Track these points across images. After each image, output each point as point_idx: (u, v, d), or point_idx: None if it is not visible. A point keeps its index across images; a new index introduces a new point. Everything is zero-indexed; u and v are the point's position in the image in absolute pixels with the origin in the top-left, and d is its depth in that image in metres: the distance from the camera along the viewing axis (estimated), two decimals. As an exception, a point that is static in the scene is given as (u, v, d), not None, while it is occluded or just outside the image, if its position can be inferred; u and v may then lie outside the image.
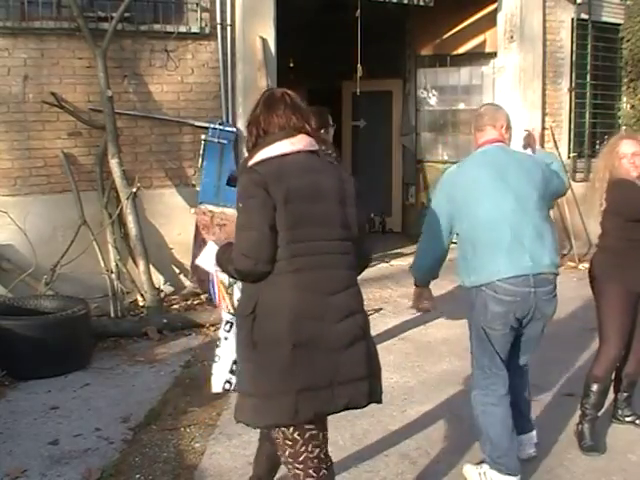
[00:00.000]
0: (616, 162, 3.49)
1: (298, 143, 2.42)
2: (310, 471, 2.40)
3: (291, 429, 2.35)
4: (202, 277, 6.20)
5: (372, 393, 2.45)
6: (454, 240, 3.25)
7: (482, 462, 3.16)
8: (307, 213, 2.36)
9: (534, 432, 3.35)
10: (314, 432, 2.39)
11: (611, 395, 3.67)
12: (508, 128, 3.32)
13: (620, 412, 3.71)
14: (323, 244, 2.39)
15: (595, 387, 3.49)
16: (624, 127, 8.82)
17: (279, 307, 2.32)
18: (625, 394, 3.69)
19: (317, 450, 2.41)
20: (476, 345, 3.15)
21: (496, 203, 3.04)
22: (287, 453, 2.39)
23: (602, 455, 3.43)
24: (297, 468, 2.40)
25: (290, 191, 2.32)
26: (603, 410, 3.60)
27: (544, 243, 3.04)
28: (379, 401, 2.51)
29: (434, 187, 3.36)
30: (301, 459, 2.39)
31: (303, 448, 2.38)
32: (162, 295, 5.91)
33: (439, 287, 3.79)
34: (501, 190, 3.06)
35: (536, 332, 3.16)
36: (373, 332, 3.89)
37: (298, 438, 2.36)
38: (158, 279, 6.12)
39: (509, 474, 3.04)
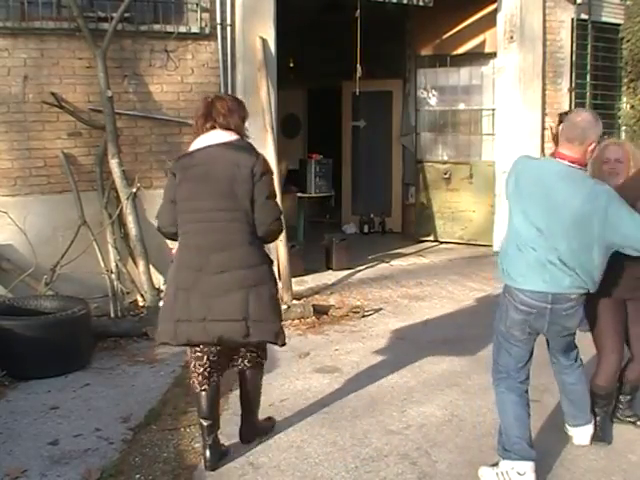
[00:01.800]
0: (599, 167, 3.43)
1: (208, 140, 3.19)
2: (195, 382, 3.32)
3: (187, 349, 3.32)
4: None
5: (250, 334, 3.14)
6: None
7: (497, 463, 3.18)
8: (196, 191, 3.14)
9: (589, 425, 3.48)
10: (199, 354, 3.26)
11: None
12: (596, 147, 3.09)
13: (620, 413, 3.71)
14: (210, 214, 3.12)
15: (601, 394, 3.50)
16: (624, 127, 8.83)
17: (174, 260, 3.25)
18: (628, 397, 3.68)
19: (201, 369, 3.28)
20: (495, 342, 3.28)
21: (527, 219, 3.03)
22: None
23: (602, 455, 3.43)
24: (190, 377, 3.38)
25: (186, 175, 3.18)
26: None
27: (569, 272, 2.99)
28: (266, 341, 3.29)
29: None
30: (192, 370, 3.33)
31: (192, 363, 3.31)
32: (162, 295, 5.90)
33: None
34: (536, 210, 3.00)
35: (564, 340, 3.28)
36: (372, 332, 3.91)
37: (190, 355, 3.31)
38: (158, 279, 6.11)
39: (519, 459, 3.07)
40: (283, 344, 3.34)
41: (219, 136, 3.19)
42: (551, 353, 3.44)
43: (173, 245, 3.43)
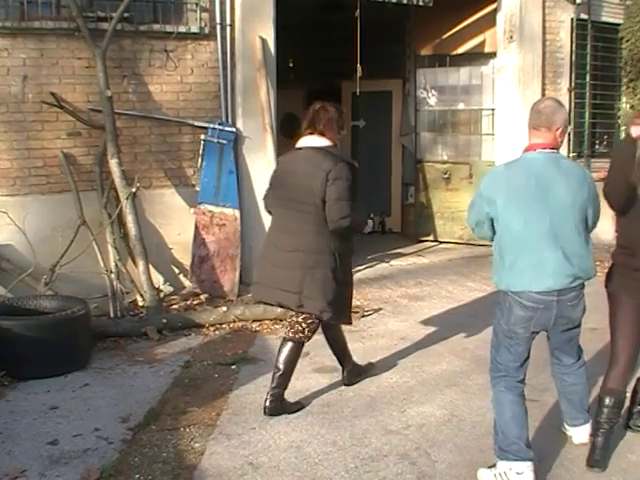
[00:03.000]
0: None
1: (305, 142, 3.89)
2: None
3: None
4: (202, 277, 6.23)
5: (302, 305, 3.76)
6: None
7: (495, 465, 3.17)
8: (284, 183, 3.87)
9: (588, 424, 3.45)
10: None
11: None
12: (564, 132, 3.15)
13: (633, 422, 3.63)
14: (290, 204, 3.80)
15: (609, 400, 3.32)
16: (624, 127, 8.82)
17: (267, 235, 4.04)
18: None
19: (287, 323, 4.03)
20: (494, 340, 3.26)
21: (529, 223, 3.03)
22: None
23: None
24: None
25: (280, 169, 4.00)
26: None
27: (571, 264, 3.04)
28: (305, 312, 3.83)
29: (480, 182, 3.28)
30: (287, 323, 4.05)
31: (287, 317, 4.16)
32: (162, 295, 5.92)
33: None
34: (538, 211, 3.02)
35: (567, 335, 3.26)
36: (372, 332, 3.88)
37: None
38: (158, 279, 6.12)
39: (517, 460, 3.06)
40: (340, 323, 4.09)
41: (313, 141, 3.85)
42: (553, 354, 3.42)
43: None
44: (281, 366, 3.91)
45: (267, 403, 3.89)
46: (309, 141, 3.86)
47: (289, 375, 3.95)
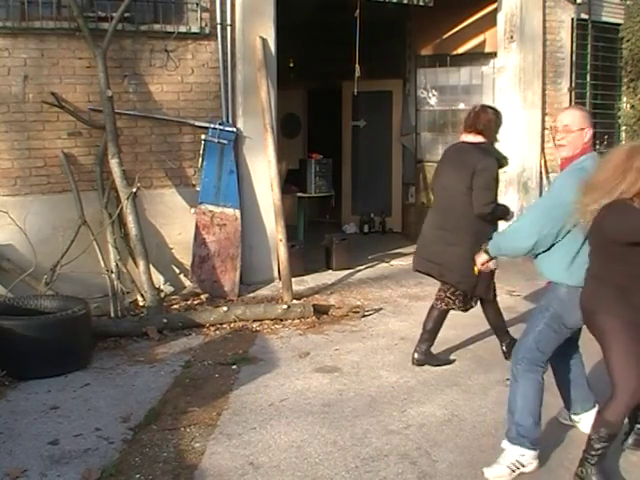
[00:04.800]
0: None
1: (465, 138, 4.47)
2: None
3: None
4: (202, 277, 6.23)
5: (443, 275, 4.51)
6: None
7: (496, 461, 3.25)
8: (441, 171, 4.59)
9: (596, 406, 3.55)
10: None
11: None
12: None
13: (631, 441, 3.46)
14: (445, 190, 4.50)
15: (604, 431, 2.99)
16: (624, 127, 8.83)
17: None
18: None
19: (439, 292, 4.65)
20: (544, 332, 3.28)
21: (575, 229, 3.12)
22: None
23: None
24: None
25: (441, 159, 4.67)
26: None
27: None
28: (446, 282, 4.55)
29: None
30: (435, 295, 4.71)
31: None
32: (162, 295, 5.92)
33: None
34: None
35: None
36: (372, 332, 3.88)
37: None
38: (158, 279, 6.12)
39: (532, 448, 3.22)
40: (478, 296, 4.57)
41: (470, 137, 4.44)
42: (570, 345, 3.47)
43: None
44: (428, 327, 4.64)
45: (415, 355, 4.62)
46: (467, 137, 4.47)
47: (435, 334, 4.66)
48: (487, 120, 4.44)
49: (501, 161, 4.47)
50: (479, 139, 4.42)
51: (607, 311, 2.95)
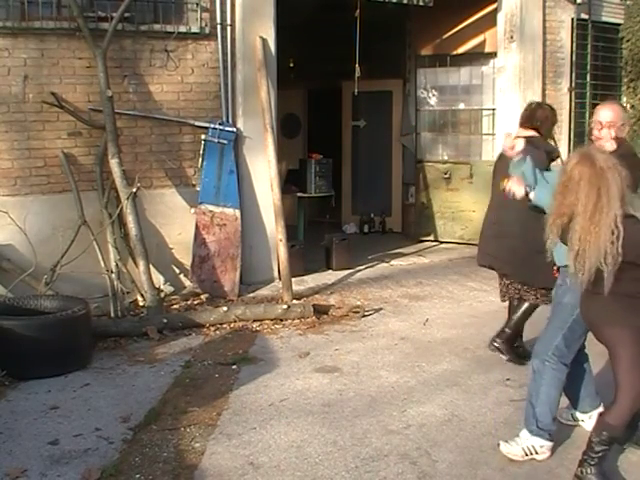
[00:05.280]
0: None
1: (520, 133, 4.45)
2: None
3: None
4: (202, 277, 6.23)
5: (500, 267, 4.66)
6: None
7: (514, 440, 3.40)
8: (496, 165, 4.74)
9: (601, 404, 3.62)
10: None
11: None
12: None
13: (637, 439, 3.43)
14: (495, 183, 4.58)
15: (605, 435, 3.03)
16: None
17: None
18: None
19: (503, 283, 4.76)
20: (572, 329, 3.34)
21: None
22: None
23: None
24: None
25: (499, 156, 4.70)
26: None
27: None
28: (497, 270, 4.77)
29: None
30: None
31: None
32: (162, 295, 5.91)
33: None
34: None
35: None
36: (372, 332, 3.89)
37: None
38: (158, 279, 6.12)
39: (549, 440, 3.38)
40: (532, 285, 4.52)
41: (522, 131, 4.53)
42: (583, 345, 3.50)
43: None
44: (514, 317, 4.71)
45: (496, 337, 4.71)
46: (521, 133, 4.52)
47: (517, 327, 4.70)
48: (544, 117, 4.58)
49: (551, 154, 4.51)
50: (530, 133, 4.49)
51: (616, 322, 2.96)
